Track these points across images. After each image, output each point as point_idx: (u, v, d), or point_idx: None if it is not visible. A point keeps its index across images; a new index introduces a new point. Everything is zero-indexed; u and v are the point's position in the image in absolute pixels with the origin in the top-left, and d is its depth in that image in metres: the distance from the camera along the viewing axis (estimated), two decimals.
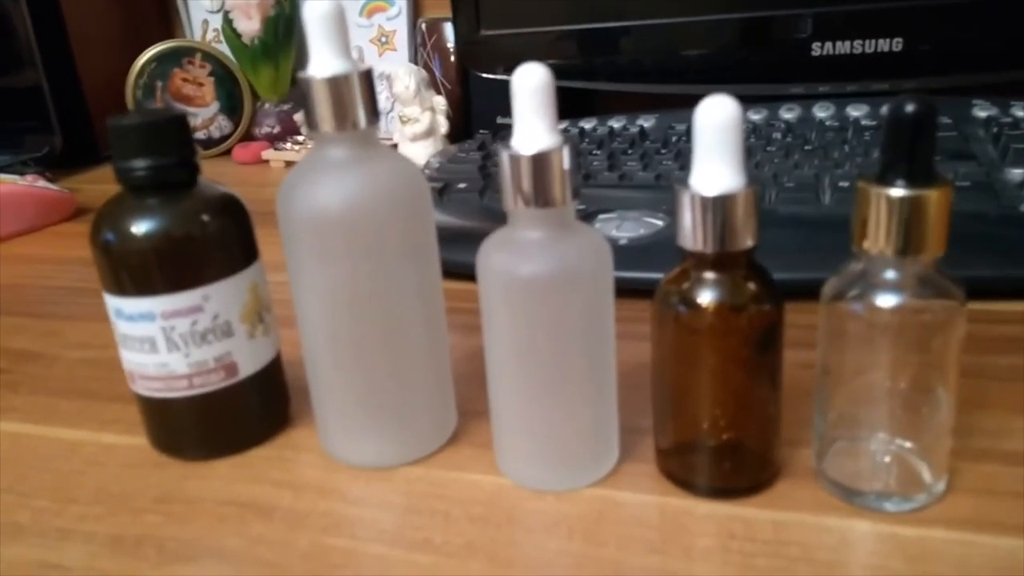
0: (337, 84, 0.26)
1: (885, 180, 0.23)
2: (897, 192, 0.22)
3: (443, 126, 0.73)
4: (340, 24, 0.26)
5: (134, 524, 0.28)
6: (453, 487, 0.29)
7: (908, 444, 0.26)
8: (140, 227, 0.28)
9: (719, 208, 0.24)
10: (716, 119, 0.23)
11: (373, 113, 0.27)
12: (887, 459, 0.27)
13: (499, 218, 0.49)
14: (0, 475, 0.32)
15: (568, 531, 0.26)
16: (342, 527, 0.27)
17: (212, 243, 0.29)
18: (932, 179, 0.22)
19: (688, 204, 0.24)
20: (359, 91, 0.27)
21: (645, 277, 0.37)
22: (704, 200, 0.24)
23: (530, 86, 0.24)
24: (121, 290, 0.29)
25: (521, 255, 0.26)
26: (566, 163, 0.25)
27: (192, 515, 0.28)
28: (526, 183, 0.25)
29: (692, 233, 0.24)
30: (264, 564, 0.26)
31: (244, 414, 0.32)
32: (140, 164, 0.28)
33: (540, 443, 0.28)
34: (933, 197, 0.22)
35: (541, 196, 0.25)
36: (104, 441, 0.33)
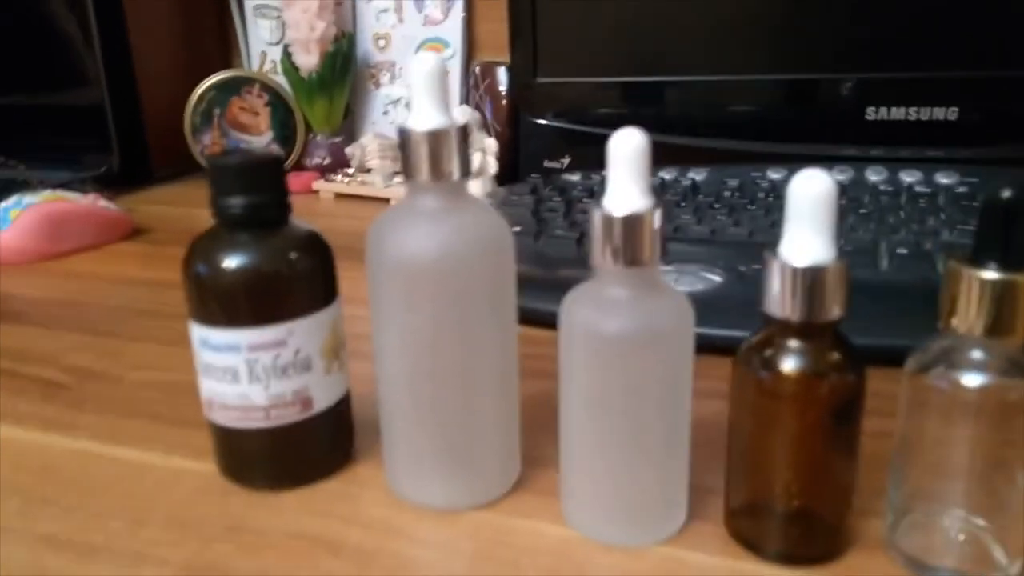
0: (436, 137, 0.27)
1: (977, 262, 0.23)
2: (989, 275, 0.23)
3: (492, 167, 0.75)
4: (442, 80, 0.27)
5: (206, 552, 0.29)
6: (519, 535, 0.29)
7: (983, 523, 0.26)
8: (232, 261, 0.29)
9: (808, 279, 0.24)
10: (812, 192, 0.24)
11: (466, 166, 0.28)
12: (961, 536, 0.26)
13: (554, 263, 0.50)
14: (69, 493, 0.32)
15: None
16: (410, 568, 0.28)
17: (299, 280, 0.30)
18: None
19: (777, 272, 0.25)
20: (455, 145, 0.28)
21: (704, 333, 0.37)
22: (794, 270, 0.24)
23: (628, 151, 0.25)
24: (209, 321, 0.30)
25: (607, 311, 0.26)
26: (656, 224, 0.26)
27: (262, 546, 0.29)
28: (616, 242, 0.26)
29: (780, 301, 0.25)
30: None
31: (315, 448, 0.32)
32: (237, 201, 0.29)
33: (611, 497, 0.28)
34: None
35: (630, 255, 0.26)
36: (173, 465, 0.34)
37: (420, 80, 0.27)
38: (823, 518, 0.27)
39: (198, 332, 0.30)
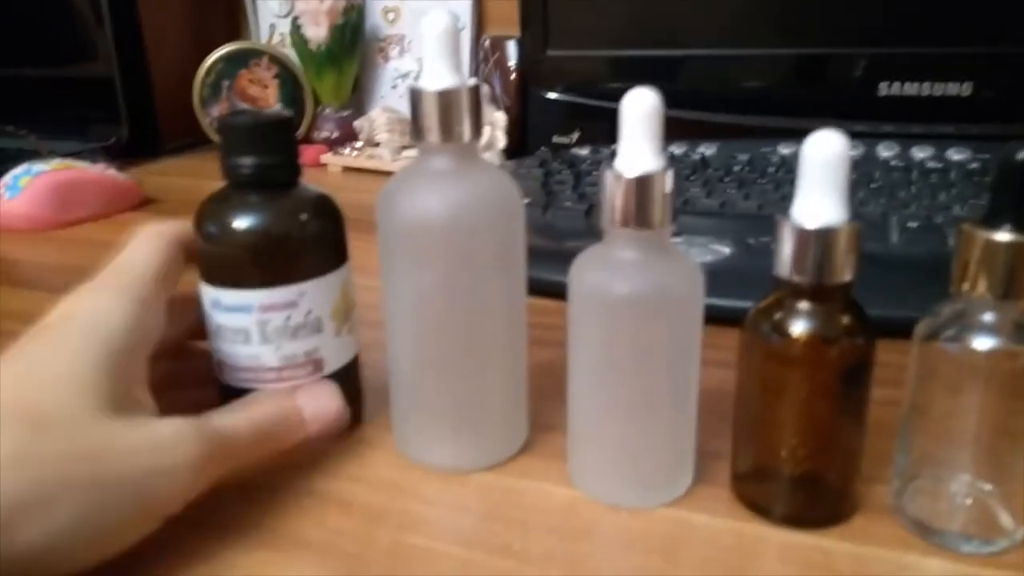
0: (447, 97, 0.27)
1: (991, 224, 0.23)
2: (1003, 237, 0.23)
3: (501, 141, 0.75)
4: (454, 40, 0.27)
5: (217, 509, 0.29)
6: (528, 496, 0.29)
7: (989, 488, 0.26)
8: (243, 222, 0.29)
9: (820, 241, 0.24)
10: (824, 153, 0.24)
11: (477, 127, 0.28)
12: (968, 501, 0.27)
13: (562, 235, 0.50)
14: None
15: (646, 549, 0.26)
16: (420, 526, 0.28)
17: (310, 242, 0.30)
18: None
19: (789, 235, 0.25)
20: (467, 105, 0.28)
21: (712, 303, 0.37)
22: (805, 232, 0.24)
23: (640, 111, 0.25)
24: (220, 282, 0.30)
25: (617, 274, 0.26)
26: (668, 187, 0.26)
27: (273, 505, 0.29)
28: (627, 204, 0.26)
29: (790, 263, 0.25)
30: (347, 557, 0.26)
31: None
32: (247, 162, 0.29)
33: (618, 459, 0.28)
34: None
35: (641, 217, 0.26)
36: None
37: (432, 40, 0.27)
38: (830, 482, 0.27)
39: (209, 294, 0.30)
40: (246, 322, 0.30)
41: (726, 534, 0.27)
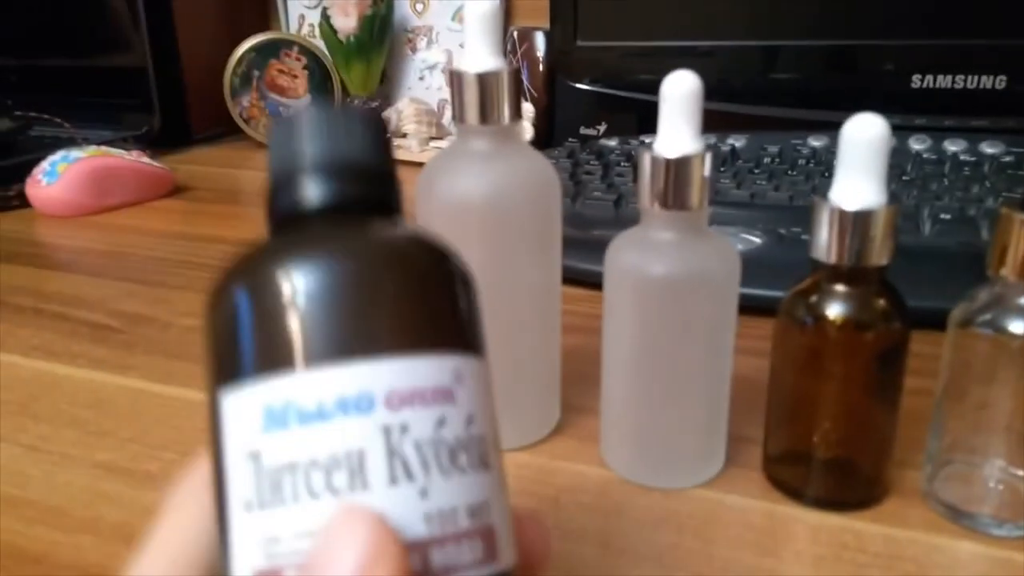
0: (487, 80, 0.28)
1: None
2: None
3: (528, 133, 0.75)
4: (496, 24, 0.28)
5: None
6: (560, 475, 0.30)
7: (1022, 473, 0.26)
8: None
9: (859, 223, 0.24)
10: (864, 136, 0.24)
11: (517, 110, 0.29)
12: (1000, 486, 0.27)
13: (591, 224, 0.50)
14: (125, 426, 0.34)
15: (678, 527, 0.27)
16: None
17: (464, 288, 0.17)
18: None
19: (827, 217, 0.25)
20: (507, 88, 0.28)
21: (743, 292, 0.38)
22: (844, 214, 0.24)
23: (680, 93, 0.25)
24: (292, 358, 0.17)
25: (654, 255, 0.27)
26: (706, 169, 0.26)
27: None
28: (665, 185, 0.26)
29: (828, 246, 0.25)
30: None
31: None
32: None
33: (651, 440, 0.29)
34: None
35: (678, 199, 0.26)
36: None
37: (473, 23, 0.27)
38: (862, 465, 0.27)
39: (262, 397, 0.14)
40: (359, 437, 0.14)
41: (758, 515, 0.27)
